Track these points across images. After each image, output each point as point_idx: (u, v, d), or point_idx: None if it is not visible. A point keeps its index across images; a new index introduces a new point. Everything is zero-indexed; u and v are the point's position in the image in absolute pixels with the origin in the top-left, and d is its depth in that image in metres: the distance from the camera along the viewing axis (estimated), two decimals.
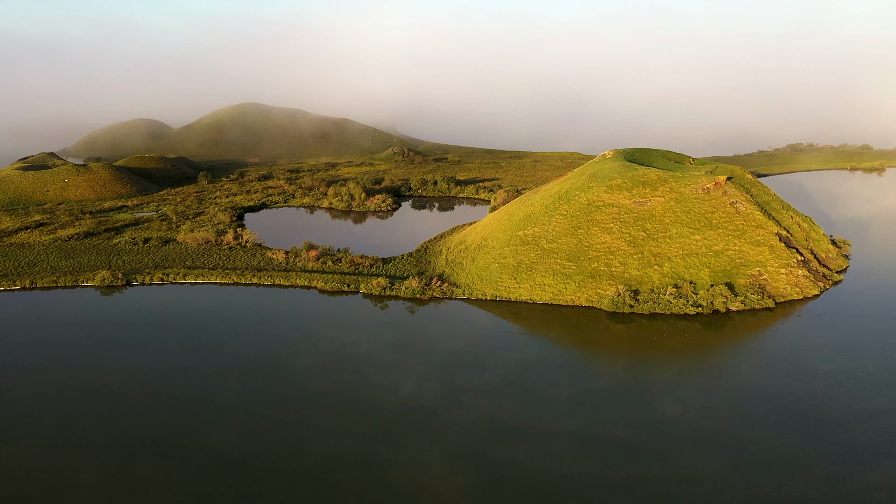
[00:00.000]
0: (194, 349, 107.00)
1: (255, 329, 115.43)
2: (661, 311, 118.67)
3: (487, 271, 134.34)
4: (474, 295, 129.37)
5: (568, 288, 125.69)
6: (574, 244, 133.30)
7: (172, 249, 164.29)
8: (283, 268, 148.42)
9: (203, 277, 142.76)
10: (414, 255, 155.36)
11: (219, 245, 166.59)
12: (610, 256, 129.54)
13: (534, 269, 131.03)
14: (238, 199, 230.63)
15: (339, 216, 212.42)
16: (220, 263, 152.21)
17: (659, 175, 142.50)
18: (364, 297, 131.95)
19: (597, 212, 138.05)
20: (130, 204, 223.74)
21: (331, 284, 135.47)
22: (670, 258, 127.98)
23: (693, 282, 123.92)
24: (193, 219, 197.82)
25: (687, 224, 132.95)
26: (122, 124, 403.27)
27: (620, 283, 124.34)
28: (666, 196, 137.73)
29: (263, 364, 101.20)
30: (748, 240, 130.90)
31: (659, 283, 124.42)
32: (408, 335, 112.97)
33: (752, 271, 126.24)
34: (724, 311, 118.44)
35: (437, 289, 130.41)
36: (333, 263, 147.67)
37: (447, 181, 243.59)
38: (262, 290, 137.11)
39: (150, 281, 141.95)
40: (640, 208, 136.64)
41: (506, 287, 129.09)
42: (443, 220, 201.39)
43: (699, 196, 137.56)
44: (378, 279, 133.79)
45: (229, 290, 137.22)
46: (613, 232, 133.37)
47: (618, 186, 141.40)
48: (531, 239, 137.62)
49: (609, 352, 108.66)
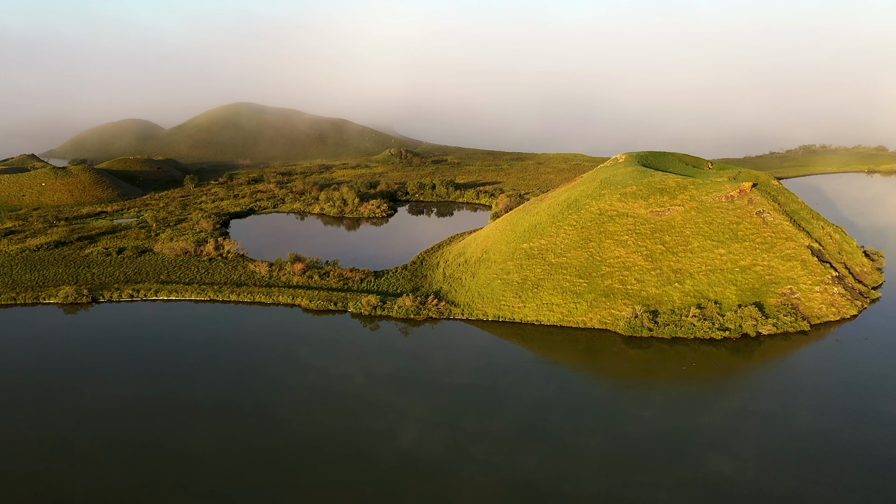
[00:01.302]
0: (161, 384, 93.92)
1: (232, 357, 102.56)
2: (684, 336, 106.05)
3: (489, 288, 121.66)
4: (474, 315, 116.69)
5: (579, 308, 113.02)
6: (585, 258, 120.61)
7: (148, 261, 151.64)
8: (265, 282, 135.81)
9: (177, 294, 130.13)
10: (409, 267, 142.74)
11: (198, 256, 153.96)
12: (625, 272, 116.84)
13: (540, 286, 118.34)
14: (225, 204, 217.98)
15: (331, 223, 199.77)
16: (198, 277, 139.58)
17: (677, 181, 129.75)
18: (353, 316, 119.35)
19: (610, 222, 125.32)
20: (110, 210, 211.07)
21: (316, 302, 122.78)
22: (692, 275, 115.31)
23: (718, 301, 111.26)
24: (175, 226, 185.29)
25: (710, 236, 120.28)
26: (112, 124, 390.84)
27: (637, 303, 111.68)
28: (686, 205, 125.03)
29: (241, 403, 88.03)
30: (778, 254, 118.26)
31: (680, 303, 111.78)
32: (405, 365, 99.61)
33: (783, 289, 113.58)
34: (755, 335, 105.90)
35: (433, 308, 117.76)
36: (321, 278, 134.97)
37: (446, 185, 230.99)
38: (241, 309, 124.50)
39: (119, 297, 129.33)
40: (658, 218, 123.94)
41: (509, 306, 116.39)
42: (441, 227, 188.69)
43: (722, 205, 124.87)
44: (368, 297, 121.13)
45: (205, 309, 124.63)
46: (628, 245, 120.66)
47: (632, 194, 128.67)
48: (537, 252, 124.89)
49: (636, 385, 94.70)
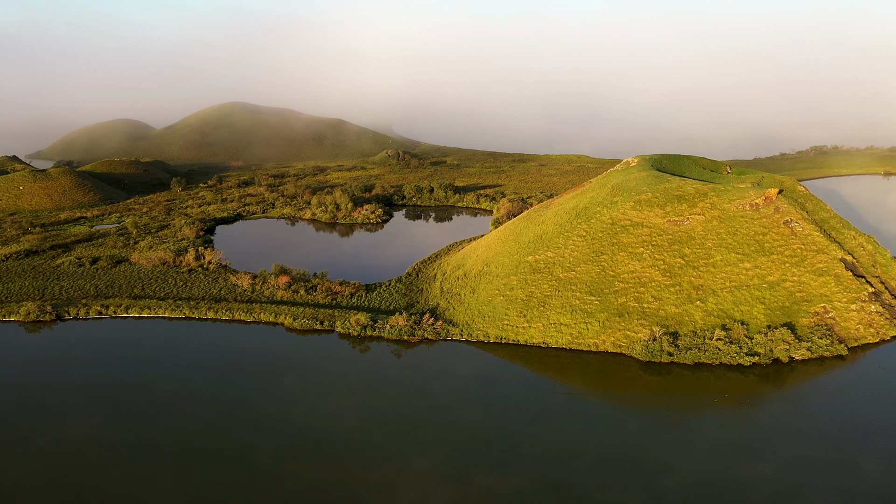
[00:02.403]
0: (122, 422, 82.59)
1: (206, 389, 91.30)
2: (708, 361, 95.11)
3: (490, 306, 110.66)
4: (474, 335, 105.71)
5: (590, 329, 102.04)
6: (596, 273, 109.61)
7: (122, 272, 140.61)
8: (247, 297, 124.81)
9: (150, 310, 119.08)
10: (403, 280, 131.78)
11: (177, 267, 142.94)
12: (641, 289, 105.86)
13: (547, 303, 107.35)
14: (211, 209, 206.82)
15: (323, 229, 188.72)
16: (174, 291, 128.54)
17: (697, 188, 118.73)
18: (341, 336, 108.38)
19: (623, 233, 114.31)
20: (90, 215, 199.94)
21: (301, 321, 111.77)
22: (715, 291, 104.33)
23: (745, 322, 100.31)
24: (156, 233, 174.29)
25: (734, 249, 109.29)
26: (101, 125, 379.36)
27: (655, 324, 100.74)
28: (706, 214, 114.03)
29: (213, 448, 76.78)
30: (809, 268, 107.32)
31: (703, 324, 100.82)
32: (402, 399, 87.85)
33: (816, 308, 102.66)
34: (787, 361, 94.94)
35: (429, 328, 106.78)
36: (307, 292, 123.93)
37: (444, 188, 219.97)
38: (219, 328, 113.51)
39: (86, 314, 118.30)
40: (676, 229, 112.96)
41: (513, 327, 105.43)
42: (438, 234, 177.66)
43: (746, 214, 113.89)
44: (358, 315, 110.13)
45: (180, 328, 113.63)
46: (644, 258, 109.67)
47: (647, 202, 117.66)
48: (543, 266, 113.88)
49: (667, 424, 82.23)
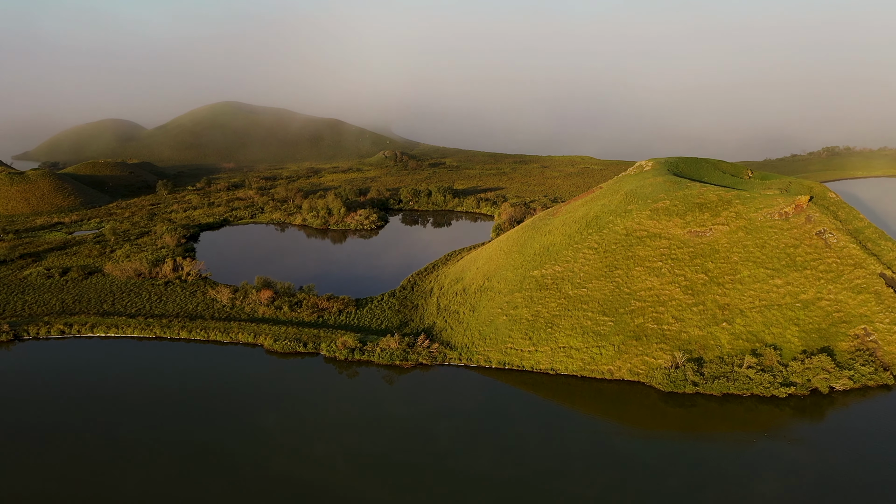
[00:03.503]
0: (73, 474, 70.93)
1: (173, 428, 79.66)
2: (738, 392, 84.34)
3: (492, 326, 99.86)
4: (474, 360, 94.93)
5: (604, 354, 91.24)
6: (610, 291, 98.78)
7: (93, 285, 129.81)
8: (225, 314, 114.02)
9: (117, 329, 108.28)
10: (397, 294, 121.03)
11: (153, 278, 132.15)
12: (660, 308, 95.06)
13: (555, 324, 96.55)
14: (197, 213, 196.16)
15: (314, 235, 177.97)
16: (147, 307, 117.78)
17: (719, 195, 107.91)
18: (326, 360, 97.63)
19: (639, 245, 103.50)
20: (68, 220, 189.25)
21: (282, 343, 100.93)
22: (743, 311, 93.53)
23: (777, 346, 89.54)
24: (135, 240, 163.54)
25: (763, 263, 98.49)
26: (89, 125, 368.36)
27: (677, 349, 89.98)
28: (731, 224, 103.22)
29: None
30: (846, 284, 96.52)
31: (730, 348, 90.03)
32: (399, 443, 75.90)
33: (855, 330, 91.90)
34: (826, 392, 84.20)
35: (423, 351, 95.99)
36: (291, 309, 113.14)
37: (443, 192, 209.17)
38: (192, 350, 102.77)
39: (47, 334, 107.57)
40: (698, 241, 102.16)
41: (517, 350, 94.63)
42: (436, 242, 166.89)
43: (775, 224, 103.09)
44: (345, 336, 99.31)
45: (149, 350, 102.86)
46: (663, 274, 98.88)
47: (665, 210, 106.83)
48: (551, 282, 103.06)
49: (713, 476, 70.52)
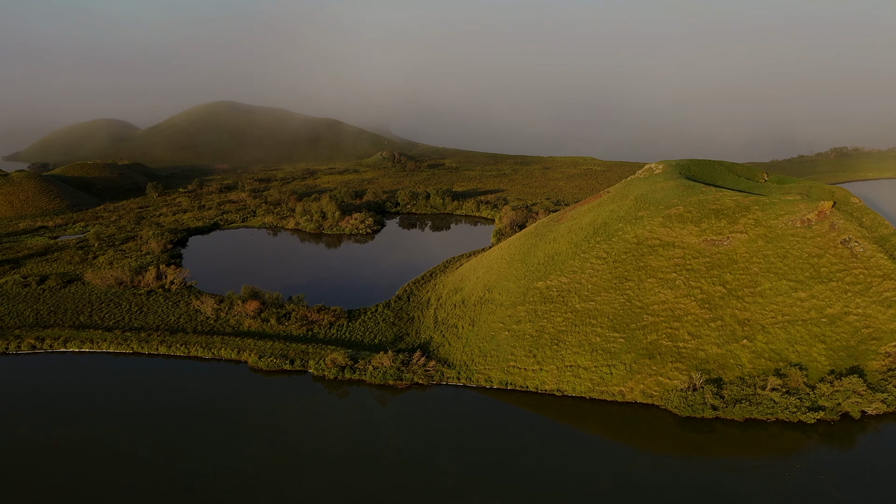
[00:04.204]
0: None
1: (144, 460, 72.70)
2: (762, 417, 77.31)
3: (493, 342, 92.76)
4: (474, 379, 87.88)
5: (614, 374, 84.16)
6: (620, 304, 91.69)
7: (71, 295, 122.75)
8: (208, 326, 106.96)
9: (92, 344, 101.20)
10: (392, 305, 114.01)
11: (135, 287, 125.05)
12: (674, 324, 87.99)
13: (562, 341, 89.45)
14: (186, 217, 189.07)
15: (307, 240, 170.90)
16: (126, 319, 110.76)
17: (737, 200, 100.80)
18: (315, 379, 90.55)
19: (651, 254, 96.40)
20: (52, 224, 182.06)
21: (268, 360, 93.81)
22: (765, 327, 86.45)
23: (803, 366, 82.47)
24: (119, 246, 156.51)
25: (785, 275, 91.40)
26: (82, 125, 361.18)
27: (694, 368, 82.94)
28: (750, 232, 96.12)
29: None
30: (875, 297, 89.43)
31: (751, 368, 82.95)
32: (399, 481, 68.09)
33: (887, 347, 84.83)
34: (858, 417, 77.18)
35: (419, 370, 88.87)
36: (278, 322, 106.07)
37: (442, 194, 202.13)
38: (171, 367, 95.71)
39: (17, 349, 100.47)
40: (715, 250, 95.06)
41: (521, 369, 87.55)
42: (434, 247, 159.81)
43: (797, 232, 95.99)
44: (335, 353, 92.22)
45: (124, 367, 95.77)
46: (677, 286, 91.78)
47: (679, 217, 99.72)
48: (557, 294, 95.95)
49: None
